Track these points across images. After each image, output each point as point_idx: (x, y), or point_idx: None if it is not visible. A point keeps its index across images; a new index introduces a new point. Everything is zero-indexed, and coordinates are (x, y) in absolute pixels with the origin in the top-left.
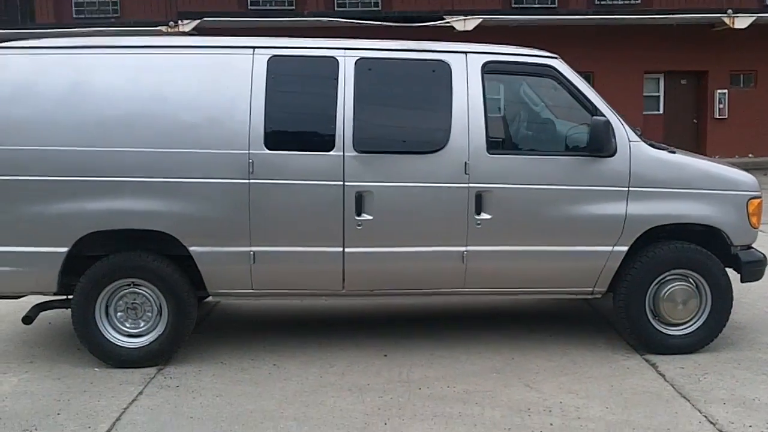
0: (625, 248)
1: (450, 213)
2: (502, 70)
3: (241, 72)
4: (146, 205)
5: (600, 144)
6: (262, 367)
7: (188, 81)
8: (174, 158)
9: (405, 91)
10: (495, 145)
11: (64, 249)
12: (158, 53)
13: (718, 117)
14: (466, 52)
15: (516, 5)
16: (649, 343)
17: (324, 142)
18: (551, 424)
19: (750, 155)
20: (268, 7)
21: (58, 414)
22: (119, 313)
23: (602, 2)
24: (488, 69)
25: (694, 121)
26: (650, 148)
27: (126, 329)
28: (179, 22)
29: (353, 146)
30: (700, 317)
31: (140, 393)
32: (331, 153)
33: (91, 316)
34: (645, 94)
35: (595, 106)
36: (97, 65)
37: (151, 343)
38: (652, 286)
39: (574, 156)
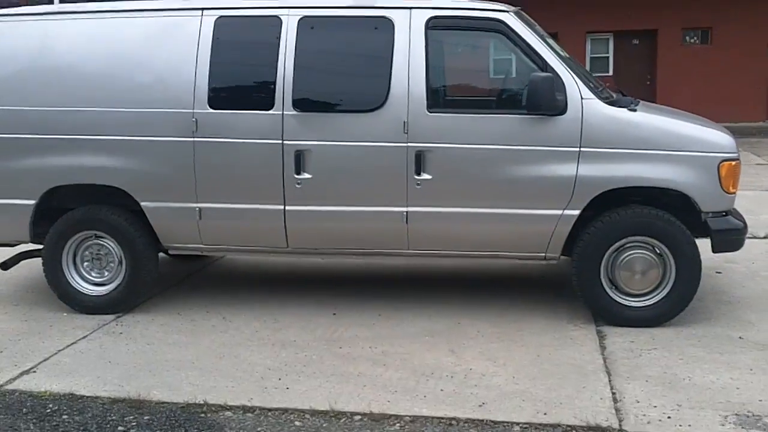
0: (577, 212)
1: (389, 173)
2: (448, 26)
3: (189, 33)
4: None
5: (538, 101)
6: (211, 319)
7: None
8: (127, 117)
9: (346, 50)
10: (435, 103)
11: (32, 202)
12: (114, 17)
13: None
14: (410, 8)
15: None
16: (605, 313)
17: (264, 101)
18: (442, 390)
19: None
20: None
21: (1, 352)
22: (86, 263)
23: None
24: (432, 25)
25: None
26: (607, 105)
27: (92, 278)
28: None
29: (292, 105)
30: (663, 289)
31: (84, 337)
32: (270, 112)
33: (59, 264)
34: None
35: (546, 62)
36: (59, 31)
37: (110, 291)
38: (608, 254)
39: (518, 115)
